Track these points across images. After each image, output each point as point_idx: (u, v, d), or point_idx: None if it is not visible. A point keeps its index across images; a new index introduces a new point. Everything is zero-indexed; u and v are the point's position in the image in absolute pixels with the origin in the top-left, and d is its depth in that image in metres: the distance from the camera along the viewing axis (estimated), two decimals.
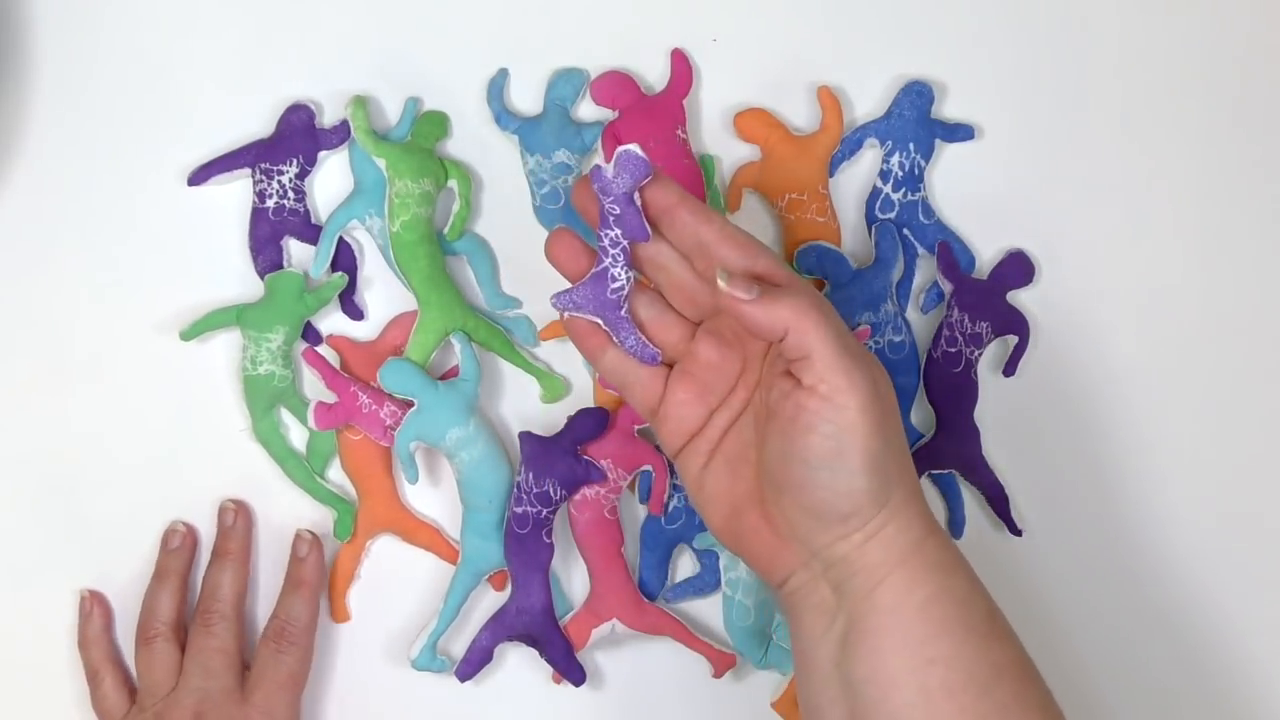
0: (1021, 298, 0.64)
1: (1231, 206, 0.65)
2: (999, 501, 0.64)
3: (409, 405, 0.61)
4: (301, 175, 0.63)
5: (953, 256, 0.64)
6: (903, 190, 0.64)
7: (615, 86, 0.64)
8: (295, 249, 0.64)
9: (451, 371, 0.63)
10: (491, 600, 0.63)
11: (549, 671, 0.62)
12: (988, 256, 0.65)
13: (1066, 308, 0.65)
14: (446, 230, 0.63)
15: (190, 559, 0.63)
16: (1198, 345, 0.65)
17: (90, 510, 0.63)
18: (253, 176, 0.63)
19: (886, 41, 0.65)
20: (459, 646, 0.62)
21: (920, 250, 0.64)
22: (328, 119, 0.64)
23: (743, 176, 0.64)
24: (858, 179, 0.65)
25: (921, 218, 0.64)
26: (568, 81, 0.64)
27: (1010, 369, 0.64)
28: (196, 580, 0.63)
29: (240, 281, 0.63)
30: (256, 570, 0.63)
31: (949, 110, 0.65)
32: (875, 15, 0.66)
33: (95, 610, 0.63)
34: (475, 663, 0.61)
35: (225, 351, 0.63)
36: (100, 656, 0.62)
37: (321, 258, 0.63)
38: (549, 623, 0.61)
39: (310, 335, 0.63)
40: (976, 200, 0.65)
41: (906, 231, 0.64)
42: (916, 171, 0.64)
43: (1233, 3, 0.66)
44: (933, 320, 0.64)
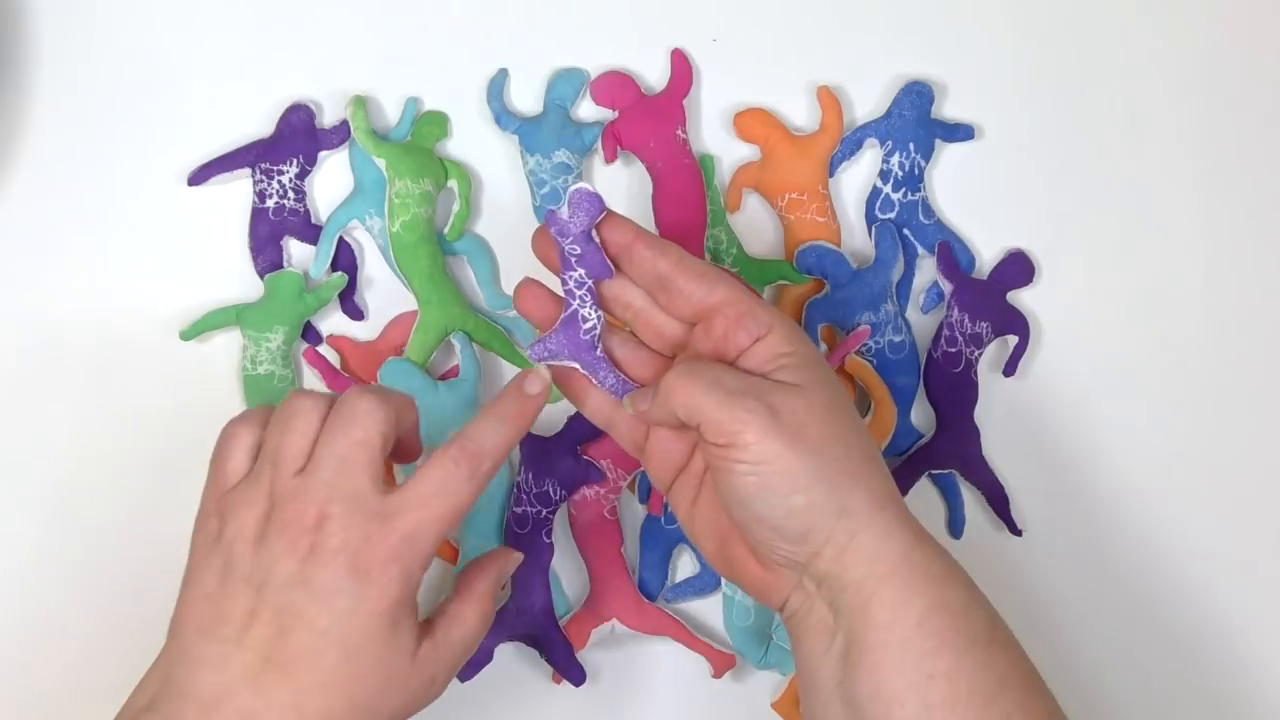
0: (1021, 298, 0.64)
1: (1232, 206, 0.66)
2: (999, 501, 0.64)
3: None
4: (301, 175, 0.63)
5: (953, 256, 0.64)
6: (903, 190, 0.64)
7: (615, 86, 0.64)
8: (295, 249, 0.64)
9: (451, 371, 0.63)
10: None
11: (549, 671, 0.62)
12: (988, 256, 0.65)
13: (1066, 308, 0.65)
14: (446, 230, 0.63)
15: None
16: (1198, 345, 0.65)
17: (90, 510, 0.63)
18: (253, 176, 0.63)
19: (886, 41, 0.65)
20: None
21: (920, 250, 0.64)
22: (328, 119, 0.64)
23: (743, 176, 0.64)
24: (858, 179, 0.65)
25: (921, 218, 0.64)
26: (568, 81, 0.64)
27: (1010, 369, 0.64)
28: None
29: (240, 281, 0.63)
30: None
31: (949, 110, 0.65)
32: (875, 15, 0.66)
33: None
34: (475, 663, 0.61)
35: (225, 351, 0.63)
36: (254, 419, 0.51)
37: (321, 258, 0.63)
38: (549, 623, 0.61)
39: (310, 335, 0.63)
40: (976, 200, 0.65)
41: (906, 231, 0.64)
42: (916, 171, 0.64)
43: (1233, 2, 0.66)
44: (933, 320, 0.64)
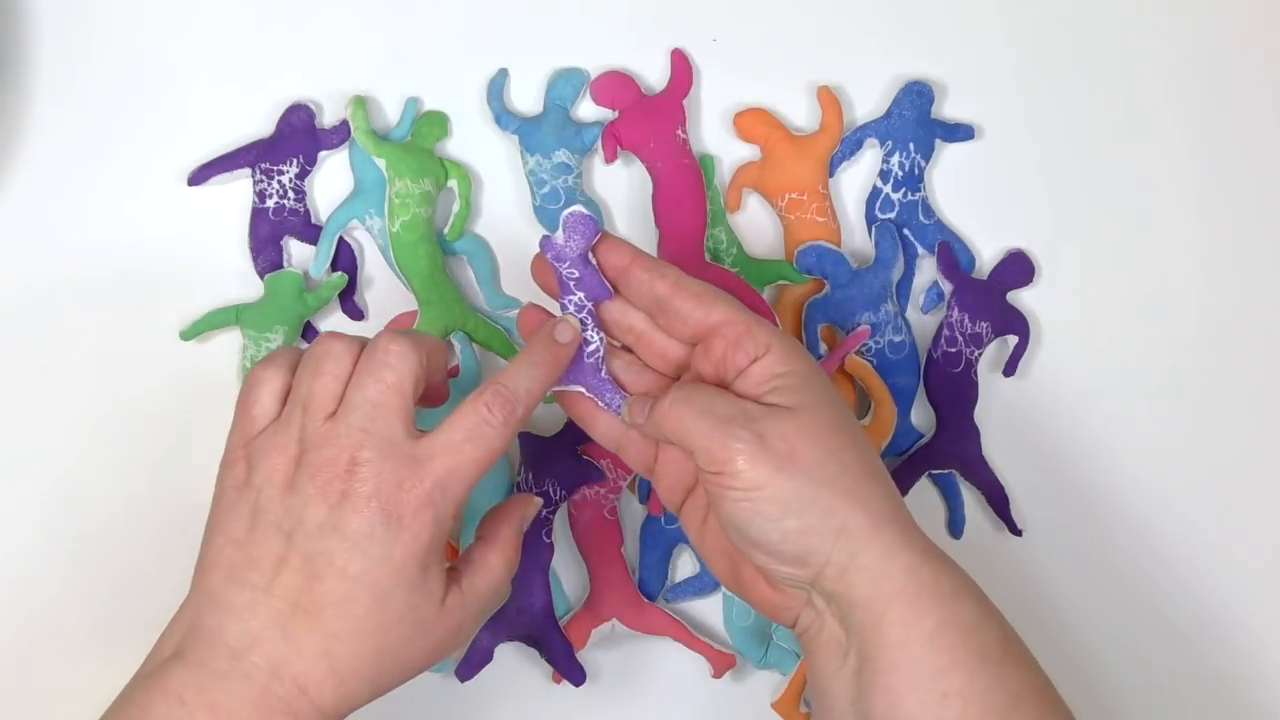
0: (1021, 298, 0.64)
1: (1232, 206, 0.66)
2: (999, 501, 0.64)
3: None
4: (301, 175, 0.63)
5: (953, 256, 0.64)
6: (903, 190, 0.64)
7: (615, 86, 0.64)
8: (295, 249, 0.64)
9: (451, 371, 0.63)
10: None
11: (549, 671, 0.62)
12: (988, 256, 0.65)
13: (1066, 308, 0.65)
14: (446, 230, 0.63)
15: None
16: (1198, 345, 0.65)
17: (90, 510, 0.63)
18: (253, 176, 0.63)
19: (886, 41, 0.65)
20: None
21: (920, 250, 0.64)
22: (328, 119, 0.64)
23: (743, 176, 0.64)
24: (858, 179, 0.65)
25: (921, 218, 0.64)
26: (568, 81, 0.64)
27: (1010, 369, 0.64)
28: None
29: (240, 281, 0.63)
30: None
31: (949, 110, 0.65)
32: (875, 15, 0.66)
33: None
34: (475, 663, 0.61)
35: (225, 351, 0.63)
36: (282, 362, 0.51)
37: (321, 258, 0.63)
38: (549, 623, 0.61)
39: (310, 335, 0.63)
40: (976, 200, 0.65)
41: (906, 231, 0.64)
42: (916, 171, 0.64)
43: (1233, 2, 0.66)
44: (933, 320, 0.64)
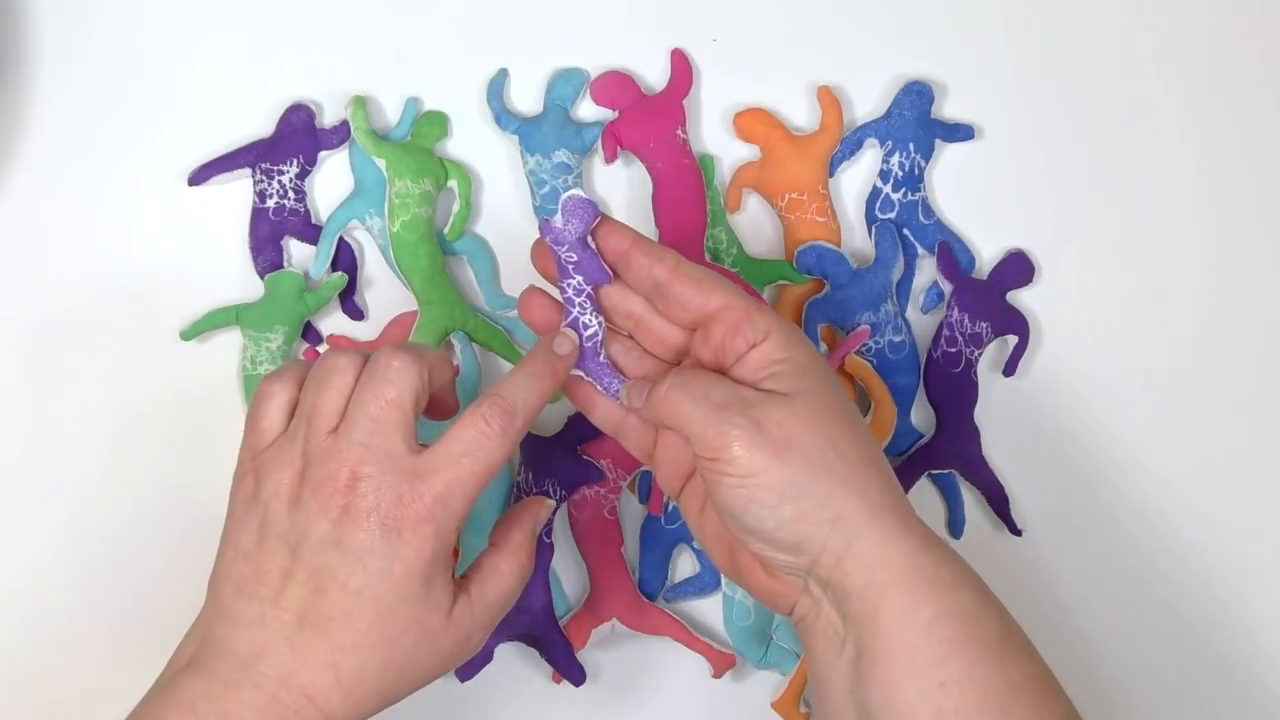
0: (1021, 298, 0.64)
1: (1232, 206, 0.66)
2: (999, 501, 0.64)
3: None
4: (301, 175, 0.63)
5: (953, 256, 0.64)
6: (903, 190, 0.64)
7: (615, 86, 0.64)
8: (295, 249, 0.64)
9: (453, 371, 0.63)
10: None
11: (549, 671, 0.62)
12: (988, 256, 0.65)
13: (1066, 308, 0.65)
14: (446, 230, 0.63)
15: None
16: (1198, 345, 0.65)
17: (90, 511, 0.63)
18: (253, 176, 0.63)
19: (886, 41, 0.65)
20: None
21: (920, 250, 0.64)
22: (328, 119, 0.64)
23: (743, 176, 0.64)
24: (858, 179, 0.65)
25: (921, 218, 0.64)
26: (568, 81, 0.64)
27: (1010, 369, 0.64)
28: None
29: (240, 281, 0.63)
30: None
31: (949, 110, 0.65)
32: (875, 15, 0.66)
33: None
34: (475, 663, 0.61)
35: (225, 351, 0.63)
36: (289, 376, 0.52)
37: (321, 258, 0.63)
38: (549, 623, 0.61)
39: (310, 335, 0.63)
40: (976, 200, 0.65)
41: (906, 231, 0.64)
42: (916, 171, 0.64)
43: (1233, 2, 0.66)
44: (933, 320, 0.64)
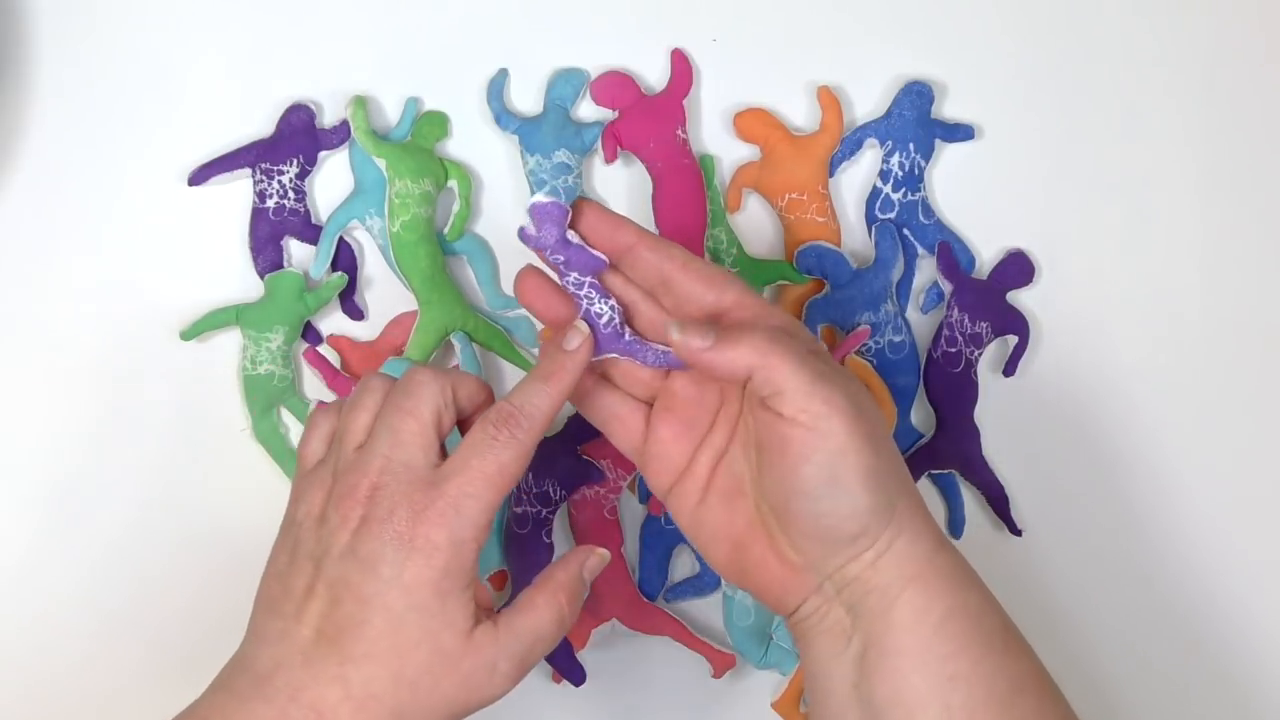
0: (1021, 298, 0.64)
1: (1232, 206, 0.66)
2: (999, 501, 0.64)
3: None
4: (301, 175, 0.63)
5: (953, 256, 0.64)
6: (903, 190, 0.64)
7: (615, 86, 0.64)
8: (295, 249, 0.64)
9: None
10: None
11: (549, 671, 0.62)
12: (988, 256, 0.65)
13: (1066, 308, 0.65)
14: (446, 230, 0.63)
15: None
16: (1198, 345, 0.65)
17: (90, 510, 0.63)
18: (253, 176, 0.63)
19: (886, 41, 0.65)
20: None
21: (920, 250, 0.64)
22: (328, 119, 0.64)
23: (743, 176, 0.64)
24: (858, 179, 0.65)
25: (921, 218, 0.64)
26: (568, 81, 0.64)
27: (1010, 369, 0.64)
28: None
29: (240, 281, 0.63)
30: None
31: (949, 110, 0.65)
32: (875, 15, 0.66)
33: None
34: None
35: (225, 351, 0.63)
36: (334, 407, 0.54)
37: (321, 258, 0.63)
38: None
39: (310, 335, 0.63)
40: (976, 200, 0.65)
41: (906, 231, 0.64)
42: (916, 171, 0.64)
43: (1233, 2, 0.66)
44: (933, 320, 0.64)
